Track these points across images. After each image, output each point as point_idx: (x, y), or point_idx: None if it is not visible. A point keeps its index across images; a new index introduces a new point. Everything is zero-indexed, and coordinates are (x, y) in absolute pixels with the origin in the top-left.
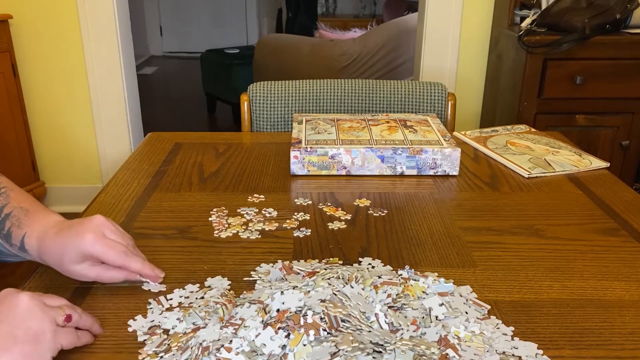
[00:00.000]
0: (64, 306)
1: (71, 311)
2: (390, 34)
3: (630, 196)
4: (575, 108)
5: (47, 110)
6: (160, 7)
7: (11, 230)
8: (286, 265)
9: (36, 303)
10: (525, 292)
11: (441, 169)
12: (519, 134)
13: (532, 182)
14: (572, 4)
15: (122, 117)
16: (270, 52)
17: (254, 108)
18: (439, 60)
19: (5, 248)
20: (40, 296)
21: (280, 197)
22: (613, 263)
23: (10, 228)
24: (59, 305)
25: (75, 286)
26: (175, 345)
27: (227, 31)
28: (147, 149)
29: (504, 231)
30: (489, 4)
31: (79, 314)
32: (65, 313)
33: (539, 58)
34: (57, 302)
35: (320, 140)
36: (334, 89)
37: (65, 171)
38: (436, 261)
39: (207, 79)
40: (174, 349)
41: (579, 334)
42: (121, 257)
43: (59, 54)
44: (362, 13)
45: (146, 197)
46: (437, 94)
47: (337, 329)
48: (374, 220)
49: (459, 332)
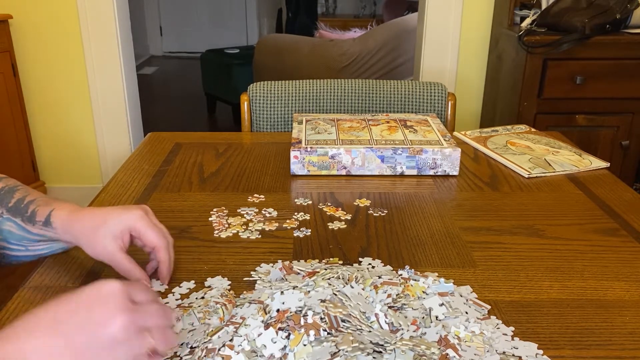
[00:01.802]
0: (155, 331)
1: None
2: (390, 34)
3: (630, 196)
4: (575, 108)
5: (47, 110)
6: (160, 7)
7: (36, 210)
8: (286, 265)
9: (127, 335)
10: (525, 292)
11: (441, 169)
12: (519, 134)
13: (532, 182)
14: (572, 4)
15: (122, 117)
16: (270, 52)
17: (254, 108)
18: (439, 60)
19: (26, 231)
20: (141, 316)
21: (280, 197)
22: (613, 263)
23: (35, 209)
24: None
25: (75, 286)
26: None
27: (227, 31)
28: (147, 149)
29: (504, 231)
30: (489, 4)
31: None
32: (151, 347)
33: (539, 58)
34: (156, 322)
35: (320, 140)
36: (334, 89)
37: (65, 171)
38: (436, 261)
39: (207, 79)
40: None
41: (579, 334)
42: (161, 240)
43: (59, 54)
44: (362, 13)
45: (146, 197)
46: (437, 94)
47: (337, 329)
48: (374, 220)
49: (459, 332)
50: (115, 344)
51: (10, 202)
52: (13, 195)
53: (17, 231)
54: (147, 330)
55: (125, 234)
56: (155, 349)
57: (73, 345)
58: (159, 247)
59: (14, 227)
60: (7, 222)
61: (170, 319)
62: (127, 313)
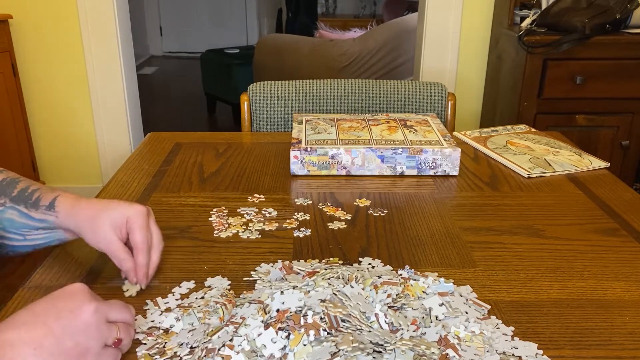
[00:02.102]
0: (120, 324)
1: (124, 332)
2: (390, 34)
3: (630, 196)
4: (575, 108)
5: (47, 110)
6: (160, 7)
7: (41, 196)
8: (286, 265)
9: (97, 320)
10: (525, 292)
11: (441, 169)
12: (519, 134)
13: (532, 182)
14: (572, 4)
15: (122, 117)
16: (270, 52)
17: (254, 108)
18: (439, 60)
19: (28, 217)
20: (106, 307)
21: (280, 197)
22: (613, 263)
23: (40, 195)
24: (117, 321)
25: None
26: (169, 348)
27: (227, 31)
28: (147, 149)
29: (504, 231)
30: (489, 4)
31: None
32: (117, 337)
33: (539, 58)
34: (120, 316)
35: (320, 140)
36: (334, 89)
37: (65, 171)
38: (436, 261)
39: (207, 79)
40: (169, 351)
41: (579, 334)
42: (143, 242)
43: (59, 54)
44: (362, 13)
45: (146, 197)
46: (437, 94)
47: (337, 329)
48: (374, 220)
49: (459, 332)
50: (88, 328)
51: (13, 192)
52: (16, 185)
53: (18, 218)
54: (113, 322)
55: (123, 227)
56: (120, 338)
57: (53, 331)
58: (138, 248)
59: (15, 214)
60: (9, 211)
61: (132, 316)
62: (95, 302)
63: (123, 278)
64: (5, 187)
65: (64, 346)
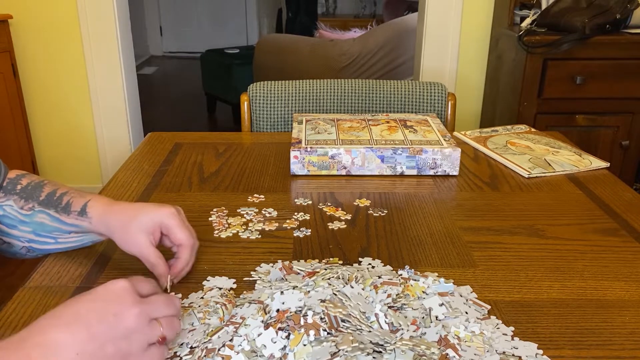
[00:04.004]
0: (164, 319)
1: (168, 328)
2: (390, 34)
3: (630, 196)
4: (575, 108)
5: (47, 110)
6: (160, 7)
7: (71, 201)
8: (286, 265)
9: (140, 323)
10: (525, 292)
11: (441, 169)
12: (519, 134)
13: (532, 182)
14: (572, 4)
15: (122, 117)
16: (270, 52)
17: (254, 108)
18: (439, 60)
19: (60, 222)
20: (150, 307)
21: (280, 197)
22: (613, 263)
23: (70, 200)
24: (160, 318)
25: (75, 286)
26: (169, 348)
27: (227, 31)
28: (147, 149)
29: (504, 231)
30: (489, 4)
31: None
32: (162, 335)
33: (539, 58)
34: (165, 312)
35: (320, 140)
36: (334, 89)
37: (65, 171)
38: (436, 261)
39: (207, 79)
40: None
41: (579, 334)
42: (188, 239)
43: (59, 54)
44: (362, 13)
45: (146, 197)
46: (437, 94)
47: (337, 329)
48: (374, 220)
49: (459, 332)
50: (131, 333)
51: (40, 195)
52: (42, 189)
53: (50, 222)
54: (156, 320)
55: (157, 230)
56: (164, 336)
57: (95, 336)
58: (185, 245)
59: (47, 218)
60: (40, 214)
61: (177, 309)
62: (139, 305)
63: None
64: (32, 191)
65: (106, 351)
